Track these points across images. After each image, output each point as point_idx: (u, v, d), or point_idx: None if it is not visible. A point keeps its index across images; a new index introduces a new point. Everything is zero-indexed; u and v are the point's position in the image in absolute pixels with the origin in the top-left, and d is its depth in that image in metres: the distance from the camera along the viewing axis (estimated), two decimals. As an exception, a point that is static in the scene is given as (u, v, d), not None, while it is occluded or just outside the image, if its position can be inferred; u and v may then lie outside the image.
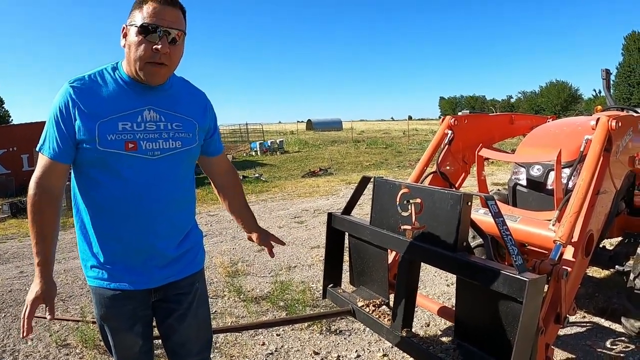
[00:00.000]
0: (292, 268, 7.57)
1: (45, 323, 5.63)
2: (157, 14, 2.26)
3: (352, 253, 3.94)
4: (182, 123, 2.52)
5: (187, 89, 2.66)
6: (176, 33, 2.32)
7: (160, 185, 2.44)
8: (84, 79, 2.35)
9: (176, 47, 2.35)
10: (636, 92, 76.68)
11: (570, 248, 3.42)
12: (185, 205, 2.63)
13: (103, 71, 2.42)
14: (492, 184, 13.85)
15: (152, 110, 2.42)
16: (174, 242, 2.55)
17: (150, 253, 2.47)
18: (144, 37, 2.26)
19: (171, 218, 2.51)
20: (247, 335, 5.14)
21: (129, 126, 2.34)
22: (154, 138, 2.40)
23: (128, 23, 2.33)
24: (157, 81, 2.40)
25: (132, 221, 2.40)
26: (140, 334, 2.60)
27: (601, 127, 3.85)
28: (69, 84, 2.31)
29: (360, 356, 4.69)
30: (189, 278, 2.67)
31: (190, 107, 2.59)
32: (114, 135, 2.30)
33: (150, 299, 2.58)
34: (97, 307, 2.55)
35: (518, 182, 5.03)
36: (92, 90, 2.33)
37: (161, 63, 2.32)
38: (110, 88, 2.37)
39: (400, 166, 24.86)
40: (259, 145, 36.27)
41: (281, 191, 16.57)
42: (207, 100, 2.74)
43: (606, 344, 4.81)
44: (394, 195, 3.27)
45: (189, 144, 2.54)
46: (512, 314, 2.57)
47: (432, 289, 6.43)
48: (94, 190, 2.39)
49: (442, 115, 5.53)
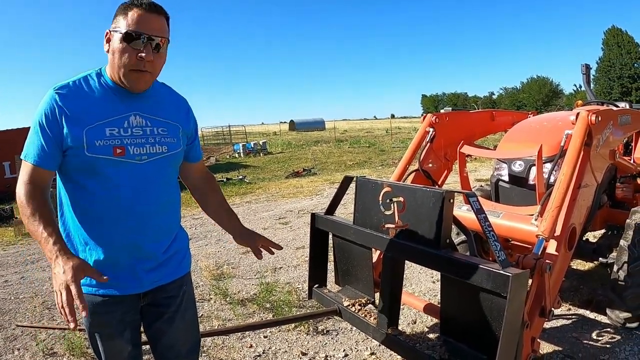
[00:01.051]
0: (277, 269, 7.56)
1: (31, 332, 5.59)
2: (141, 21, 2.26)
3: (337, 253, 3.94)
4: (167, 128, 2.52)
5: (169, 95, 2.67)
6: (160, 40, 2.32)
7: (149, 189, 2.44)
8: (69, 85, 2.34)
9: (159, 54, 2.36)
10: (616, 86, 77.36)
11: (553, 242, 3.45)
12: (172, 208, 2.63)
13: (87, 77, 2.41)
14: (475, 180, 13.92)
15: (138, 116, 2.42)
16: (162, 245, 2.55)
17: (139, 257, 2.47)
18: (128, 44, 2.26)
19: (159, 222, 2.52)
20: (235, 338, 5.12)
21: (116, 131, 2.34)
22: (141, 143, 2.40)
23: (112, 28, 2.32)
24: (140, 88, 2.40)
25: (121, 226, 2.40)
26: (129, 340, 2.59)
27: (581, 121, 3.88)
28: (54, 90, 2.30)
29: (348, 355, 4.70)
30: (177, 281, 2.67)
31: (173, 112, 2.60)
32: (102, 141, 2.30)
33: (139, 304, 2.58)
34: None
35: (500, 177, 5.06)
36: (78, 96, 2.32)
37: (145, 70, 2.32)
38: (96, 94, 2.36)
39: (384, 164, 24.90)
40: (241, 147, 36.18)
41: (265, 192, 16.52)
42: (188, 105, 2.76)
43: (592, 335, 4.85)
44: (376, 194, 3.28)
45: (175, 148, 2.56)
46: (496, 309, 2.59)
47: (418, 286, 6.45)
48: (81, 197, 2.38)
49: (425, 113, 5.55)
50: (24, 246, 10.57)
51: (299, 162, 28.80)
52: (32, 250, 10.02)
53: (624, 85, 77.18)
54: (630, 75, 76.87)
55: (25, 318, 6.11)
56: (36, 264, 8.87)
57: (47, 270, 8.34)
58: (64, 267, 2.05)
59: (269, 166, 28.25)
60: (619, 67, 77.71)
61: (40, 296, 6.87)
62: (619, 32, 79.18)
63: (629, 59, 76.89)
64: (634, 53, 77.00)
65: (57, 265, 2.08)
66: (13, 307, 6.55)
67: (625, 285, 4.51)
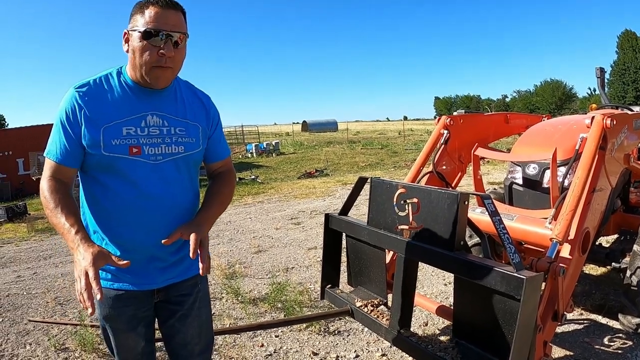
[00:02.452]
0: (289, 269, 7.57)
1: (43, 327, 5.63)
2: (159, 18, 2.28)
3: (350, 253, 3.94)
4: (185, 128, 2.53)
5: (191, 93, 2.67)
6: (178, 36, 2.34)
7: (164, 188, 2.46)
8: (89, 84, 2.37)
9: (179, 50, 2.38)
10: (630, 90, 76.94)
11: (567, 246, 3.44)
12: (188, 208, 2.62)
13: (108, 76, 2.44)
14: (488, 183, 13.88)
15: (155, 116, 2.44)
16: (173, 246, 2.53)
17: (150, 256, 2.49)
18: (148, 41, 2.28)
19: (174, 221, 2.49)
20: (246, 337, 5.14)
21: (132, 131, 2.37)
22: (156, 143, 2.42)
23: (130, 28, 2.34)
24: (163, 84, 2.44)
25: (136, 224, 2.42)
26: (142, 335, 2.62)
27: (596, 125, 3.87)
28: (75, 88, 2.34)
29: (359, 356, 4.70)
30: (190, 279, 2.69)
31: (194, 111, 2.61)
32: (118, 140, 2.32)
33: (153, 300, 2.60)
34: (100, 308, 2.53)
35: (514, 180, 5.04)
36: (97, 95, 2.35)
37: (166, 66, 2.34)
38: (115, 93, 2.39)
39: (396, 166, 24.88)
40: (254, 147, 36.23)
41: (277, 193, 16.55)
42: (211, 103, 2.74)
43: (604, 340, 4.82)
44: (390, 196, 3.28)
45: (193, 148, 2.56)
46: (510, 312, 2.58)
47: (430, 289, 6.44)
48: (100, 193, 2.41)
49: (438, 115, 5.54)
50: (37, 242, 10.66)
51: (312, 163, 28.82)
52: (45, 246, 10.11)
53: (639, 89, 76.75)
54: (644, 79, 76.46)
55: (38, 313, 6.16)
56: (49, 260, 8.94)
57: (59, 267, 8.41)
58: (84, 254, 2.08)
59: (282, 166, 28.29)
60: (634, 71, 77.30)
61: (52, 292, 6.93)
62: (633, 35, 78.76)
63: (644, 63, 76.46)
64: (648, 57, 76.58)
65: (78, 253, 2.10)
66: (25, 302, 6.61)
67: (637, 291, 4.47)
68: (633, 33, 79.01)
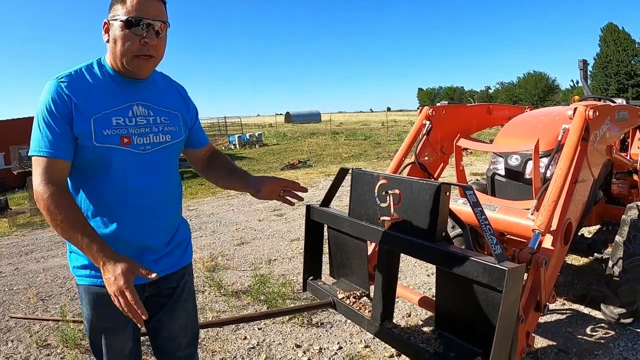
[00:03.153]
0: (272, 261, 7.55)
1: (24, 323, 5.58)
2: (140, 7, 2.25)
3: (332, 245, 3.92)
4: (169, 117, 2.53)
5: (168, 84, 2.68)
6: (160, 25, 2.32)
7: (154, 179, 2.44)
8: (72, 75, 2.30)
9: (160, 39, 2.36)
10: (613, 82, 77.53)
11: (549, 236, 3.45)
12: (175, 198, 2.64)
13: (89, 66, 2.38)
14: (470, 174, 13.92)
15: (140, 106, 2.42)
16: (166, 236, 2.56)
17: (145, 247, 2.47)
18: (130, 30, 2.25)
19: (164, 212, 2.52)
20: (229, 330, 5.12)
21: (121, 121, 2.33)
22: (144, 132, 2.40)
23: (110, 18, 2.30)
24: (145, 74, 2.42)
25: (127, 217, 2.38)
26: (130, 335, 2.57)
27: (579, 116, 3.88)
28: (57, 79, 2.26)
29: (342, 348, 4.69)
30: (179, 271, 2.69)
31: (174, 101, 2.62)
32: (109, 130, 2.28)
33: (144, 295, 2.54)
34: (89, 307, 2.46)
35: (496, 171, 5.04)
36: (82, 85, 2.29)
37: (149, 55, 2.32)
38: (99, 83, 2.34)
39: (379, 157, 24.92)
40: (237, 139, 36.15)
41: (261, 184, 16.48)
42: (186, 93, 2.78)
43: (586, 330, 4.86)
44: (372, 187, 3.26)
45: (178, 137, 2.57)
46: (492, 303, 2.57)
47: (413, 279, 6.45)
48: (89, 187, 2.36)
49: (421, 107, 5.53)
50: (18, 237, 10.57)
51: (295, 154, 28.81)
52: (26, 241, 10.02)
53: (621, 81, 77.36)
54: (627, 72, 77.06)
55: (19, 310, 6.10)
56: (30, 255, 8.86)
57: (41, 262, 8.34)
58: (114, 275, 2.07)
59: (265, 158, 28.26)
60: (616, 64, 77.87)
61: (34, 287, 6.87)
62: (615, 28, 79.35)
63: (626, 56, 77.06)
64: (630, 50, 77.17)
65: (107, 272, 2.09)
66: (7, 298, 6.54)
67: (619, 281, 4.51)
68: (616, 26, 79.62)
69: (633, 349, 4.45)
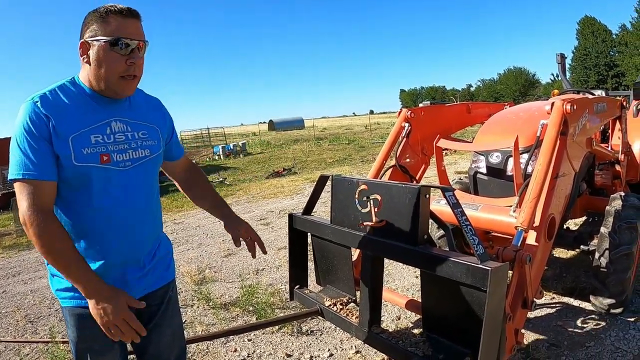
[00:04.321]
0: (259, 271, 7.51)
1: (14, 347, 5.52)
2: (121, 28, 2.24)
3: (316, 253, 3.91)
4: (147, 131, 2.52)
5: (143, 97, 2.66)
6: (139, 44, 2.31)
7: (135, 195, 2.42)
8: (46, 95, 2.26)
9: (141, 58, 2.36)
10: (592, 74, 78.32)
11: (533, 233, 3.44)
12: (155, 214, 2.63)
13: (63, 86, 2.34)
14: (455, 173, 13.98)
15: (118, 121, 2.40)
16: (149, 253, 2.55)
17: (128, 265, 2.44)
18: (114, 51, 2.24)
19: (145, 228, 2.50)
20: (219, 343, 5.09)
21: (100, 138, 2.31)
22: (123, 149, 2.38)
23: (89, 38, 2.27)
24: (129, 93, 2.42)
25: (109, 235, 2.36)
26: (118, 355, 2.54)
27: (556, 111, 3.88)
28: (32, 100, 2.21)
29: (333, 355, 4.67)
30: (162, 288, 2.66)
31: (150, 114, 2.60)
32: (88, 148, 2.25)
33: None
34: (74, 329, 2.42)
35: (478, 170, 5.04)
36: (58, 105, 2.25)
37: (133, 75, 2.33)
38: (75, 102, 2.30)
39: (364, 161, 24.91)
40: (221, 149, 36.02)
41: (246, 194, 16.45)
42: (162, 105, 2.77)
43: (577, 322, 4.87)
44: (352, 193, 3.25)
45: (156, 150, 2.55)
46: (477, 303, 2.56)
47: (401, 282, 6.44)
48: (69, 208, 2.32)
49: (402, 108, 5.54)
50: (5, 259, 10.45)
51: (279, 162, 28.75)
52: (13, 263, 9.92)
53: (600, 73, 78.15)
54: (606, 63, 77.86)
55: (8, 333, 6.03)
56: (18, 277, 8.76)
57: (29, 283, 8.25)
58: (108, 310, 2.14)
59: (249, 167, 28.17)
60: (595, 56, 78.67)
61: (22, 310, 6.79)
62: (593, 21, 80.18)
63: (604, 47, 77.87)
64: (608, 41, 77.94)
65: (100, 303, 2.15)
66: (-6, 321, 6.46)
67: (607, 272, 4.54)
68: (593, 18, 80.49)
69: (624, 339, 4.45)
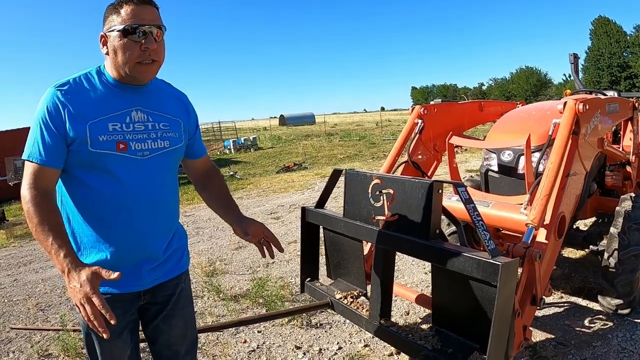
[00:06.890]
0: (270, 264, 7.55)
1: (25, 334, 5.57)
2: (136, 15, 2.27)
3: (328, 246, 3.94)
4: (169, 123, 2.53)
5: (169, 90, 2.68)
6: (157, 30, 2.33)
7: (151, 185, 2.44)
8: (70, 83, 2.32)
9: (159, 43, 2.37)
10: (605, 75, 77.59)
11: (543, 230, 3.47)
12: (172, 205, 2.64)
13: (87, 74, 2.40)
14: (465, 171, 13.94)
15: (139, 111, 2.42)
16: (163, 243, 2.55)
17: (141, 255, 2.46)
18: (128, 38, 2.27)
19: (161, 219, 2.51)
20: (228, 334, 5.13)
21: (118, 127, 2.34)
22: (142, 138, 2.40)
23: (106, 30, 2.32)
24: (149, 78, 2.43)
25: (124, 224, 2.38)
26: (128, 342, 2.56)
27: (568, 110, 3.90)
28: (55, 87, 2.28)
29: (342, 348, 4.71)
30: (175, 279, 2.67)
31: (174, 107, 2.62)
32: (105, 136, 2.29)
33: (139, 302, 2.56)
34: None
35: (490, 167, 5.07)
36: (80, 92, 2.31)
37: (151, 60, 2.34)
38: (97, 90, 2.35)
39: (374, 157, 24.91)
40: (232, 143, 36.09)
41: (256, 188, 16.49)
42: (188, 100, 2.77)
43: (584, 322, 4.88)
44: (365, 187, 3.28)
45: (176, 143, 2.57)
46: (487, 298, 2.59)
47: (411, 277, 6.46)
48: (85, 195, 2.35)
49: (414, 105, 5.56)
50: (16, 248, 10.52)
51: (290, 157, 28.77)
52: (24, 252, 9.98)
53: (613, 74, 77.45)
54: (619, 64, 77.13)
55: (20, 320, 6.09)
56: (29, 266, 8.82)
57: (39, 272, 8.31)
58: (79, 281, 1.99)
59: (260, 161, 28.21)
60: (608, 56, 77.95)
61: (33, 298, 6.86)
62: (607, 21, 79.38)
63: (618, 48, 77.12)
64: (622, 42, 77.24)
65: (72, 280, 2.01)
66: (7, 309, 6.53)
67: (616, 273, 4.54)
68: (607, 19, 79.63)
69: (631, 339, 4.47)
